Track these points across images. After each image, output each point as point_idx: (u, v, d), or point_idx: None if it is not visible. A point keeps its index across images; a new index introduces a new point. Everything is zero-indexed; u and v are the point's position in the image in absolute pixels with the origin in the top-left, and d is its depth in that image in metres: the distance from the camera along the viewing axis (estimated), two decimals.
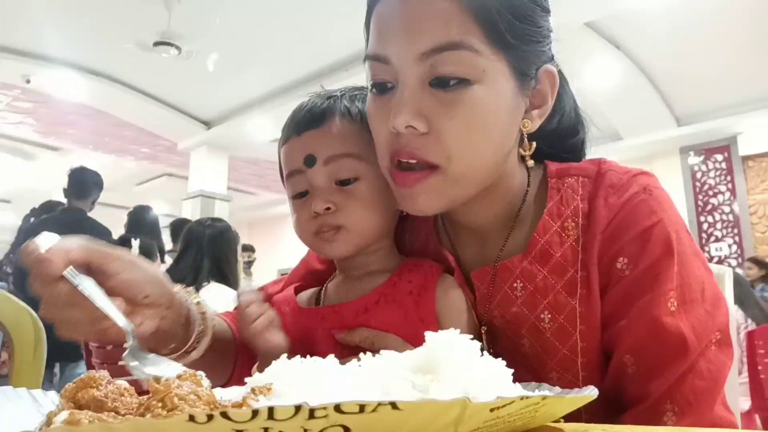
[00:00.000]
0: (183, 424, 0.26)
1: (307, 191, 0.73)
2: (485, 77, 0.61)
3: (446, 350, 0.42)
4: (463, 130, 0.62)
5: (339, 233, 0.71)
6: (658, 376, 0.61)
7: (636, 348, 0.63)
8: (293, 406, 0.27)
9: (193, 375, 0.39)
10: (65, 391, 0.40)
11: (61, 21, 4.85)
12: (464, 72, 0.61)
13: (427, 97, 0.62)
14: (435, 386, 0.39)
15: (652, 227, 0.64)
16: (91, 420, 0.32)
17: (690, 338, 0.60)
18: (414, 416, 0.30)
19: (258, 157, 7.85)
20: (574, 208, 0.69)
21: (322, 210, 0.70)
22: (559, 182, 0.72)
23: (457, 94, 0.61)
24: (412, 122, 0.62)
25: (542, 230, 0.70)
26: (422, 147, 0.63)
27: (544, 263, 0.69)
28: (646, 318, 0.62)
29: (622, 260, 0.64)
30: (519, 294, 0.70)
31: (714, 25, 4.75)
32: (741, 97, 5.88)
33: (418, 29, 0.61)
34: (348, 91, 0.78)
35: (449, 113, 0.61)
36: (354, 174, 0.71)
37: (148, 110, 6.59)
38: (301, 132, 0.73)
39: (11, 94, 6.19)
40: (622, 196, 0.67)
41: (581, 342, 0.67)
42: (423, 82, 0.62)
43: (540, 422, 0.41)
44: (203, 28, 4.95)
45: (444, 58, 0.60)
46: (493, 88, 0.62)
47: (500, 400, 0.33)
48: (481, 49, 0.60)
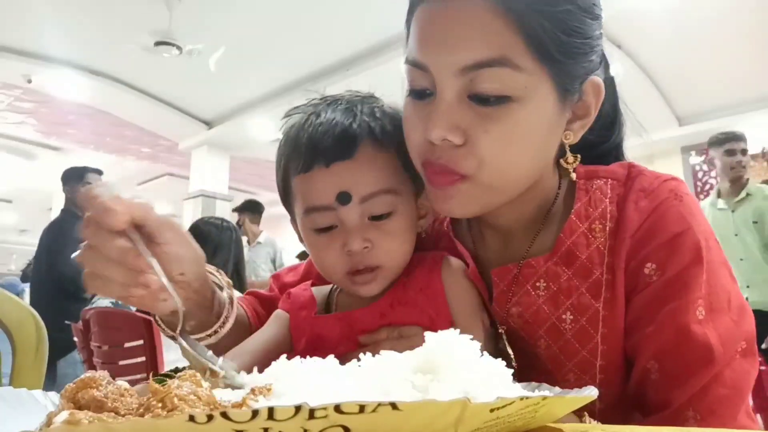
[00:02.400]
0: (183, 424, 0.26)
1: (333, 225, 0.68)
2: (526, 94, 0.59)
3: (446, 350, 0.42)
4: (498, 143, 0.61)
5: (376, 274, 0.68)
6: (683, 384, 0.60)
7: (661, 354, 0.62)
8: (293, 407, 0.27)
9: (193, 375, 0.39)
10: (65, 391, 0.40)
11: (62, 21, 4.85)
12: (504, 89, 0.59)
13: (464, 109, 0.61)
14: (435, 386, 0.39)
15: (682, 234, 0.63)
16: (91, 420, 0.32)
17: (717, 347, 0.60)
18: (414, 416, 0.30)
19: (259, 157, 7.85)
20: (602, 211, 0.69)
21: (359, 249, 0.66)
22: (588, 184, 0.71)
23: (495, 109, 0.60)
24: (447, 135, 0.61)
25: (569, 231, 0.69)
26: (455, 159, 0.62)
27: (569, 264, 0.68)
28: (674, 325, 0.61)
29: (651, 266, 0.64)
30: (542, 293, 0.69)
31: (715, 24, 4.74)
32: (742, 96, 5.87)
33: (459, 42, 0.59)
34: (363, 102, 0.73)
35: (485, 126, 0.60)
36: (389, 209, 0.68)
37: (149, 110, 6.59)
38: (329, 163, 0.66)
39: (12, 94, 6.20)
40: (653, 200, 0.66)
41: (602, 345, 0.66)
42: (461, 95, 0.61)
43: (540, 422, 0.41)
44: (204, 28, 4.95)
45: (484, 74, 0.58)
46: (533, 105, 0.60)
47: (500, 400, 0.33)
48: (523, 65, 0.58)
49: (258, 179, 9.08)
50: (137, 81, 6.13)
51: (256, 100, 6.32)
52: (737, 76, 5.45)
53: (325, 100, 0.74)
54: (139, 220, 0.55)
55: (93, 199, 0.53)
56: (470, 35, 0.59)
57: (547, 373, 0.69)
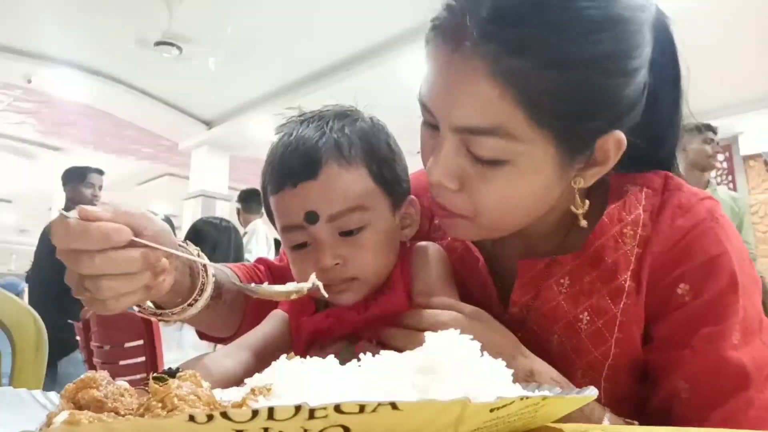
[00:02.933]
0: (183, 424, 0.26)
1: (307, 242, 0.70)
2: (522, 159, 0.58)
3: (446, 350, 0.42)
4: (494, 196, 0.61)
5: (351, 285, 0.69)
6: (717, 407, 0.60)
7: (695, 377, 0.62)
8: (293, 407, 0.27)
9: (193, 375, 0.39)
10: (65, 392, 0.40)
11: (63, 21, 4.85)
12: (498, 155, 0.58)
13: (462, 160, 0.61)
14: (435, 386, 0.39)
15: (719, 257, 0.62)
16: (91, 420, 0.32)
17: (752, 371, 0.60)
18: (414, 416, 0.30)
19: (259, 157, 7.79)
20: (635, 218, 0.68)
21: (331, 265, 0.67)
22: (621, 188, 0.70)
23: (491, 168, 0.59)
24: (443, 182, 0.62)
25: (599, 232, 0.68)
26: (452, 202, 0.64)
27: (595, 266, 0.68)
28: (710, 350, 0.61)
29: (684, 286, 0.63)
30: (564, 290, 0.69)
31: (716, 24, 4.74)
32: (742, 96, 5.87)
33: (455, 104, 0.58)
34: (335, 117, 0.72)
35: (481, 182, 0.61)
36: (360, 224, 0.68)
37: (149, 110, 6.59)
38: (296, 183, 0.67)
39: (13, 94, 6.19)
40: (690, 219, 0.65)
41: (615, 348, 0.66)
42: (460, 147, 0.60)
43: (540, 422, 0.41)
44: (204, 28, 4.94)
45: (477, 141, 0.58)
46: (531, 168, 0.59)
47: (500, 400, 0.33)
48: (519, 135, 0.56)
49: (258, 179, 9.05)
50: (137, 81, 6.13)
51: (256, 100, 6.31)
52: (737, 76, 5.45)
53: (301, 117, 0.74)
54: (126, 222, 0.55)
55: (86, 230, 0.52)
56: (466, 100, 0.57)
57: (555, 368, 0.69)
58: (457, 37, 0.56)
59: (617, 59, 0.56)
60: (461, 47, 0.56)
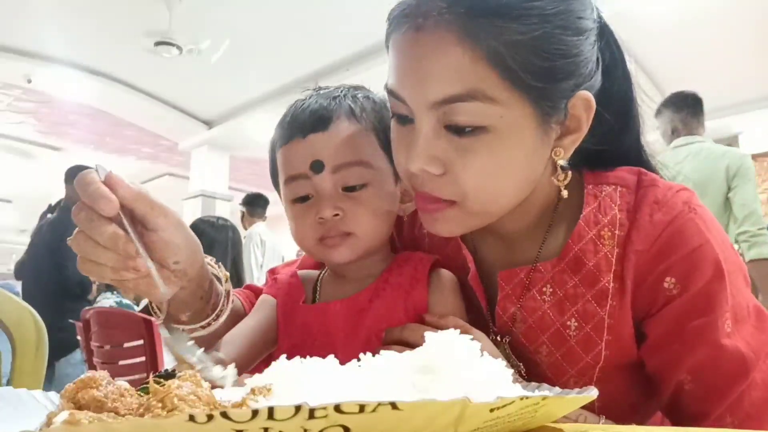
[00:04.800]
0: (183, 424, 0.26)
1: (308, 196, 0.71)
2: (502, 123, 0.58)
3: (446, 350, 0.42)
4: (479, 173, 0.60)
5: (346, 239, 0.70)
6: (721, 395, 0.62)
7: (695, 370, 0.63)
8: (293, 406, 0.27)
9: (194, 376, 0.39)
10: (65, 392, 0.40)
11: (63, 21, 4.85)
12: (478, 121, 0.58)
13: (442, 140, 0.60)
14: (435, 386, 0.39)
15: (701, 247, 0.63)
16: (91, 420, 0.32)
17: (748, 355, 0.61)
18: (414, 416, 0.30)
19: (259, 157, 7.84)
20: (612, 218, 0.67)
21: (330, 216, 0.68)
22: (596, 189, 0.70)
23: (472, 140, 0.59)
24: (425, 167, 0.61)
25: (577, 237, 0.68)
26: (438, 187, 0.63)
27: (576, 271, 0.68)
28: (705, 342, 0.62)
29: (671, 280, 0.63)
30: (547, 299, 0.69)
31: (716, 24, 4.74)
32: (742, 96, 5.87)
33: (429, 78, 0.59)
34: (349, 90, 0.76)
35: (463, 159, 0.60)
36: (362, 181, 0.70)
37: (149, 110, 6.59)
38: (306, 134, 0.70)
39: (12, 94, 6.19)
40: (667, 213, 0.65)
41: (606, 350, 0.66)
42: (438, 126, 0.60)
43: (540, 422, 0.41)
44: (204, 27, 4.94)
45: (456, 108, 0.58)
46: (511, 132, 0.59)
47: (500, 400, 0.33)
48: (496, 96, 0.57)
49: (258, 179, 9.07)
50: (137, 81, 6.13)
51: (255, 99, 6.31)
52: (737, 75, 5.45)
53: (316, 90, 0.77)
54: (129, 204, 0.56)
55: (87, 185, 0.53)
56: (439, 71, 0.58)
57: (546, 380, 0.68)
58: (419, 17, 0.58)
59: (570, 15, 0.59)
60: (425, 24, 0.58)
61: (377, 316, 0.69)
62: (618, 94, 0.71)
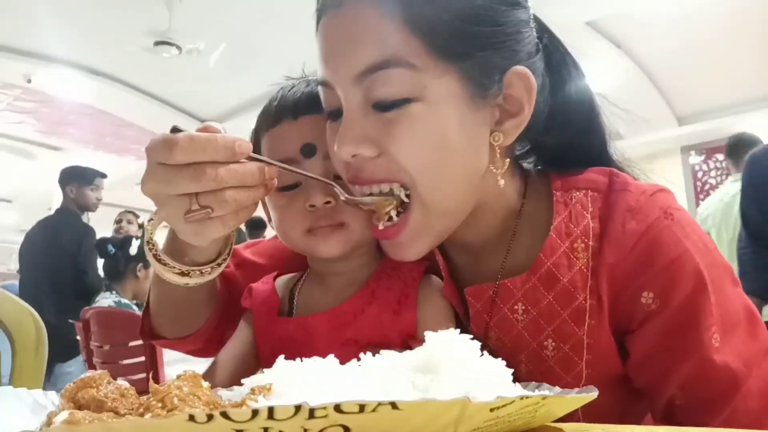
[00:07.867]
0: (183, 424, 0.26)
1: (297, 183, 0.66)
2: (427, 93, 0.56)
3: (446, 350, 0.42)
4: (411, 150, 0.57)
5: (337, 230, 0.65)
6: (713, 410, 0.58)
7: (685, 386, 0.60)
8: (293, 406, 0.27)
9: (194, 376, 0.39)
10: (65, 391, 0.40)
11: (62, 21, 4.84)
12: (401, 92, 0.56)
13: (370, 119, 0.58)
14: (435, 386, 0.39)
15: (680, 258, 0.58)
16: (91, 420, 0.32)
17: (738, 369, 0.58)
18: (414, 416, 0.30)
19: None
20: (584, 228, 0.63)
21: (321, 204, 0.64)
22: (566, 195, 0.66)
23: (397, 113, 0.56)
24: (357, 150, 0.58)
25: (549, 250, 0.63)
26: (378, 170, 0.59)
27: (550, 288, 0.63)
28: (692, 358, 0.58)
29: (648, 294, 0.59)
30: (520, 318, 0.65)
31: (716, 24, 4.74)
32: (742, 96, 5.87)
33: (351, 49, 0.57)
34: None
35: (391, 133, 0.57)
36: None
37: (149, 110, 6.59)
38: (297, 116, 0.66)
39: (12, 93, 6.19)
40: (641, 222, 0.60)
41: (587, 369, 0.63)
42: (365, 105, 0.58)
43: (540, 422, 0.41)
44: (204, 27, 4.94)
45: (378, 78, 0.56)
46: (438, 103, 0.56)
47: (500, 400, 0.33)
48: (420, 64, 0.55)
49: None
50: (137, 81, 6.12)
51: (255, 100, 6.31)
52: (737, 75, 5.44)
53: (304, 78, 0.75)
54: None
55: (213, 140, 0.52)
56: (361, 40, 0.56)
57: None
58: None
59: None
60: (345, 2, 0.58)
61: (361, 331, 0.65)
62: (575, 89, 0.69)
